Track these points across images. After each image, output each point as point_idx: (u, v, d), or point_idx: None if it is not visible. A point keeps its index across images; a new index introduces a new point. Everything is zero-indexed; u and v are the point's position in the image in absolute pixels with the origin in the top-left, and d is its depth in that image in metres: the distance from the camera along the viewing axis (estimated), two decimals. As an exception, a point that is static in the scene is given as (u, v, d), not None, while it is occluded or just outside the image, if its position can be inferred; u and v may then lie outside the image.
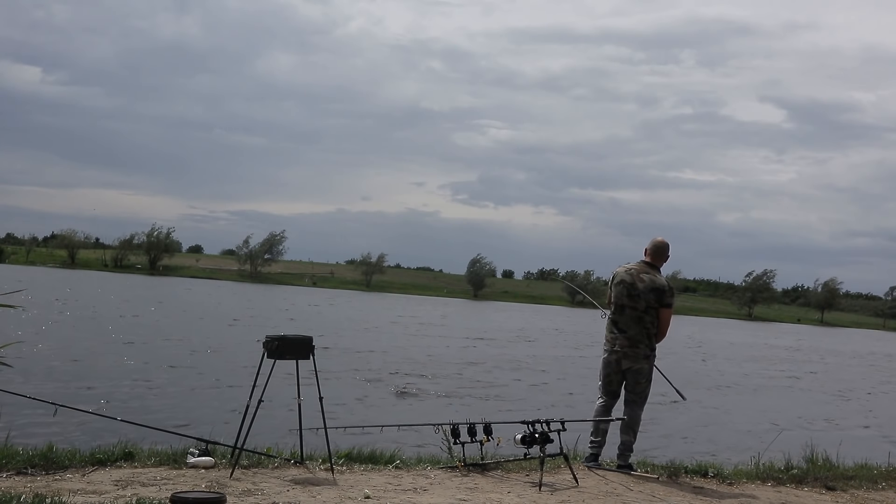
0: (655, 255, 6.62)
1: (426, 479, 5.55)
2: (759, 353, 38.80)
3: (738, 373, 26.51)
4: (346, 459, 5.91)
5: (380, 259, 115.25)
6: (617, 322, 6.48)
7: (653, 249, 6.64)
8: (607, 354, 6.52)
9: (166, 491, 4.62)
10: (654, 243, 6.67)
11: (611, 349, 6.49)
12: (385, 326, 35.56)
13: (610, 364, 6.49)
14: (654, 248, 6.64)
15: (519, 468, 5.99)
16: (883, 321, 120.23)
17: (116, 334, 22.16)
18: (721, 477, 6.41)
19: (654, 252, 6.63)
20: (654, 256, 6.62)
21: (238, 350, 20.10)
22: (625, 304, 6.44)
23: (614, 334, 6.48)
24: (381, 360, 20.73)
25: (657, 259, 6.61)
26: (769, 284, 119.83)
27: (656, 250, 6.63)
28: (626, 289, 6.44)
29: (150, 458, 5.45)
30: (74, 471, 5.04)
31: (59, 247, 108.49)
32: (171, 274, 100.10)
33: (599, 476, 6.06)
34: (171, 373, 15.71)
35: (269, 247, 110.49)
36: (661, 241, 6.67)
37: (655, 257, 6.62)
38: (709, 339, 47.19)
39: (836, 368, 33.20)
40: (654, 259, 6.61)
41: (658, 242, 6.66)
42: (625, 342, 6.41)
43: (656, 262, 6.59)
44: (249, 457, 5.56)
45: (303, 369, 5.47)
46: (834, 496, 6.26)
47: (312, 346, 5.51)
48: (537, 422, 5.77)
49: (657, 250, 6.63)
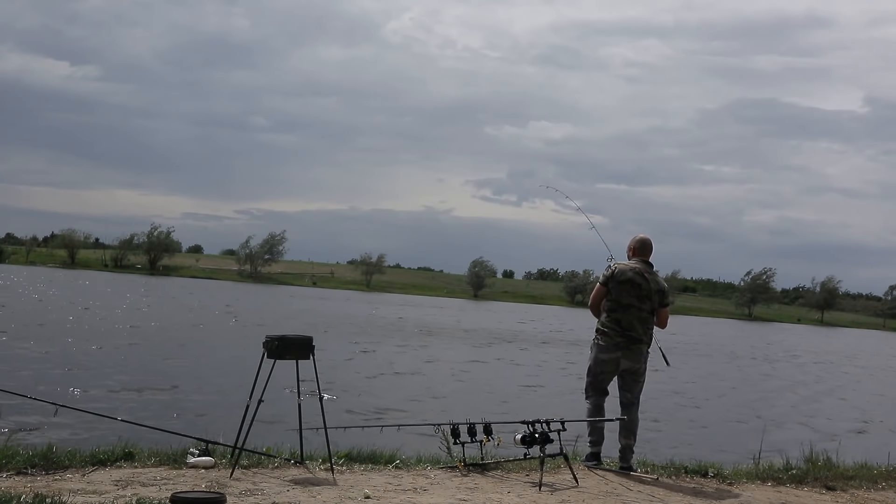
0: (647, 252, 6.56)
1: (426, 479, 5.55)
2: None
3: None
4: (346, 459, 5.91)
5: (380, 259, 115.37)
6: (620, 321, 6.33)
7: (643, 247, 6.56)
8: (604, 353, 6.35)
9: (166, 491, 4.62)
10: (642, 241, 6.58)
11: (610, 347, 6.34)
12: (385, 327, 35.55)
13: (607, 363, 6.34)
14: (644, 245, 6.57)
15: (519, 468, 5.99)
16: (883, 321, 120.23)
17: (116, 334, 22.15)
18: (721, 477, 6.40)
19: (646, 249, 6.56)
20: (645, 254, 6.55)
21: (238, 350, 20.08)
22: (632, 305, 6.33)
23: (616, 331, 6.33)
24: (380, 360, 20.73)
25: (648, 256, 6.57)
26: (768, 284, 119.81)
27: (646, 247, 6.57)
28: (636, 289, 6.34)
29: (150, 458, 5.44)
30: (74, 471, 5.04)
31: (59, 247, 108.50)
32: (171, 274, 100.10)
33: (599, 476, 6.05)
34: (172, 373, 15.70)
35: (269, 247, 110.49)
36: (647, 238, 6.63)
37: (647, 254, 6.56)
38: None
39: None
40: (646, 256, 6.56)
41: (646, 239, 6.61)
42: (628, 341, 6.33)
43: (648, 260, 6.57)
44: (249, 457, 5.55)
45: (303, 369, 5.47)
46: (834, 496, 6.25)
47: (312, 346, 5.50)
48: (537, 422, 5.75)
49: (647, 247, 6.57)
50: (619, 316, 6.35)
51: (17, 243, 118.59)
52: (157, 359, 17.57)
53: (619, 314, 6.35)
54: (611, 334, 6.36)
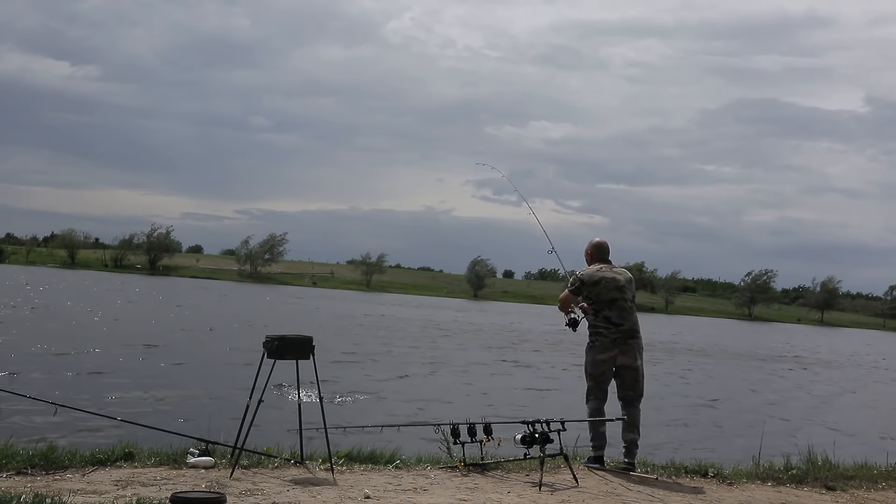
0: (604, 255, 6.64)
1: (426, 479, 5.55)
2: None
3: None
4: (346, 459, 5.91)
5: (380, 259, 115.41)
6: (610, 317, 6.34)
7: (600, 250, 6.64)
8: (601, 353, 6.34)
9: (166, 491, 4.62)
10: (598, 245, 6.67)
11: (606, 345, 6.32)
12: (384, 325, 35.55)
13: (605, 362, 6.33)
14: (600, 248, 6.65)
15: (519, 468, 5.98)
16: (883, 321, 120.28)
17: (116, 334, 22.15)
18: (721, 477, 6.40)
19: (603, 252, 6.64)
20: (603, 257, 6.62)
21: (238, 349, 20.07)
22: (615, 298, 6.36)
23: (610, 328, 6.33)
24: (380, 360, 20.73)
25: (606, 258, 6.64)
26: (769, 284, 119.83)
27: (603, 250, 6.65)
28: (611, 282, 6.39)
29: (150, 458, 5.44)
30: (74, 471, 5.04)
31: (59, 247, 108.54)
32: (171, 274, 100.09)
33: (599, 476, 6.05)
34: (172, 372, 15.70)
35: (269, 247, 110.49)
36: (603, 241, 6.71)
37: (605, 257, 6.63)
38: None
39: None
40: (604, 260, 6.62)
41: (601, 242, 6.70)
42: (624, 336, 6.33)
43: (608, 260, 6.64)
44: (249, 457, 5.55)
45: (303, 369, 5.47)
46: (834, 496, 6.25)
47: (312, 346, 5.50)
48: (537, 422, 5.75)
49: (604, 250, 6.65)
50: (608, 313, 6.37)
51: (17, 243, 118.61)
52: (157, 358, 17.56)
53: (607, 311, 6.37)
54: (605, 333, 6.36)
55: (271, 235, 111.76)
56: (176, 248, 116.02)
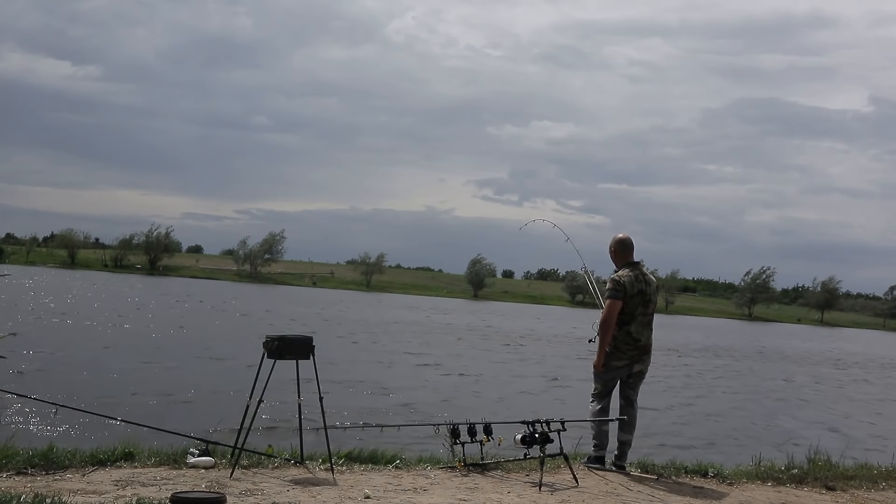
0: (629, 252, 6.51)
1: (426, 479, 5.55)
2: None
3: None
4: (347, 459, 5.91)
5: (379, 259, 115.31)
6: (631, 332, 6.30)
7: (625, 248, 6.50)
8: (618, 360, 6.29)
9: (166, 491, 4.62)
10: (622, 241, 6.53)
11: (623, 358, 6.29)
12: (386, 326, 35.55)
13: (620, 369, 6.32)
14: (625, 245, 6.51)
15: (519, 468, 5.99)
16: (883, 321, 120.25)
17: (116, 335, 22.15)
18: (721, 477, 6.40)
19: (628, 250, 6.51)
20: (628, 255, 6.50)
21: (238, 350, 20.07)
22: (637, 313, 6.32)
23: (629, 344, 6.28)
24: (379, 360, 20.72)
25: (632, 256, 6.52)
26: (768, 283, 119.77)
27: (628, 248, 6.51)
28: (641, 296, 6.32)
29: (150, 458, 5.45)
30: (74, 471, 5.04)
31: (59, 247, 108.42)
32: (171, 274, 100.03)
33: (599, 476, 6.05)
34: (171, 373, 15.69)
35: (268, 247, 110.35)
36: (627, 237, 6.58)
37: (630, 255, 6.51)
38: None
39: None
40: (630, 257, 6.51)
41: (626, 239, 6.56)
42: (640, 353, 6.32)
43: (634, 260, 6.53)
44: (249, 457, 5.55)
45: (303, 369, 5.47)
46: (834, 496, 6.25)
47: (312, 346, 5.50)
48: (537, 422, 5.76)
49: (629, 247, 6.52)
50: (629, 328, 6.31)
51: (17, 243, 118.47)
52: (157, 359, 17.55)
53: (629, 326, 6.31)
54: (624, 348, 6.32)
55: (270, 234, 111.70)
56: (176, 248, 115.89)
